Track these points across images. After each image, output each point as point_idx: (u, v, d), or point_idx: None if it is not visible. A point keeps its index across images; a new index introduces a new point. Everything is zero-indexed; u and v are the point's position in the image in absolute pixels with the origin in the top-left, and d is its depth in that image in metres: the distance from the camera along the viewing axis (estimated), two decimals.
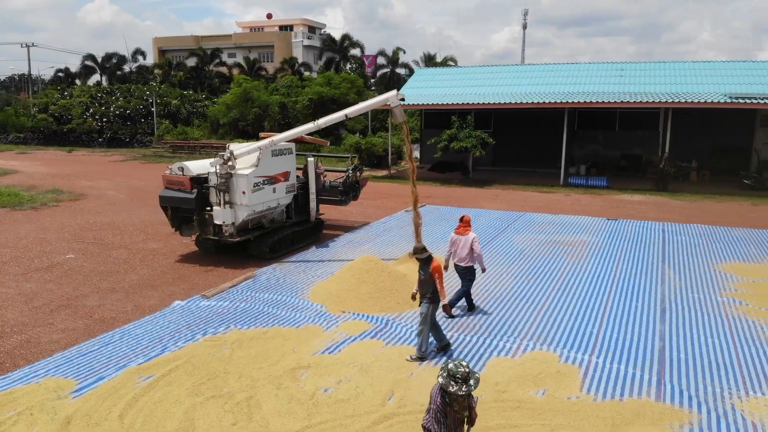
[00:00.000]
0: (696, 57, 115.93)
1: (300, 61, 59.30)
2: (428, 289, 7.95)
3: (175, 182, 12.29)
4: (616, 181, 25.13)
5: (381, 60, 54.04)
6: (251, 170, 12.03)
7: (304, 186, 14.01)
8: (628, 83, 28.34)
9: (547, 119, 27.96)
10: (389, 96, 11.97)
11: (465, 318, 9.48)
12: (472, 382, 4.55)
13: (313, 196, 14.03)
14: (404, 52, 54.65)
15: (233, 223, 12.05)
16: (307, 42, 65.90)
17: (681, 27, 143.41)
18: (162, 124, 45.85)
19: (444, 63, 52.54)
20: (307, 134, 13.15)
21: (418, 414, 6.43)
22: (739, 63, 28.70)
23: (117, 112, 46.25)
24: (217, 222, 12.02)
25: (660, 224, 16.79)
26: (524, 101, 25.17)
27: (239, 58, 62.20)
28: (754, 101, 22.04)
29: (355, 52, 56.48)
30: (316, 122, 12.32)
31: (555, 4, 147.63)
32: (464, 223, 9.66)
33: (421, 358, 7.84)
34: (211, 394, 6.90)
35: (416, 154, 37.00)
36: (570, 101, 24.22)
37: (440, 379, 4.59)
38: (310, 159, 14.08)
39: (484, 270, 9.87)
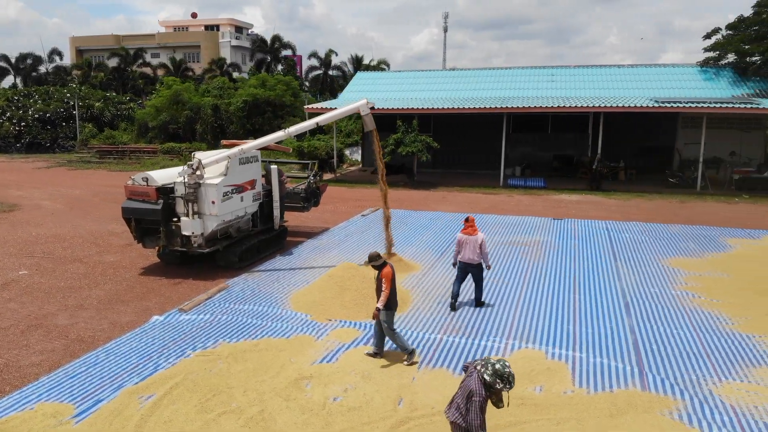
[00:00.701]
0: (604, 60, 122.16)
1: (229, 61, 58.04)
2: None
3: (139, 193, 11.91)
4: (551, 182, 26.36)
5: (314, 62, 53.92)
6: (220, 179, 11.86)
7: (268, 194, 13.91)
8: (559, 87, 29.79)
9: (484, 123, 28.90)
10: (360, 104, 12.15)
11: (447, 320, 9.79)
12: (513, 382, 4.89)
13: (277, 204, 13.96)
14: (336, 54, 54.77)
15: (202, 234, 11.83)
16: (235, 42, 64.57)
17: (589, 30, 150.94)
18: (85, 127, 43.66)
19: (377, 66, 53.04)
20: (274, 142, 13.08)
21: (432, 417, 6.70)
22: (662, 68, 30.75)
23: (36, 116, 43.60)
24: (185, 233, 11.75)
25: (603, 222, 17.84)
26: (465, 106, 25.96)
27: (164, 59, 60.04)
28: (678, 105, 23.77)
29: (287, 53, 55.94)
30: (286, 130, 12.31)
31: (470, 8, 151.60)
32: (470, 224, 10.12)
33: (411, 354, 8.07)
34: (221, 410, 6.85)
35: (357, 157, 37.30)
36: (509, 106, 25.18)
37: (486, 377, 4.95)
38: (273, 167, 14.00)
39: (489, 268, 10.28)
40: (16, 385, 7.53)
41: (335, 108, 14.43)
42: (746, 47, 27.15)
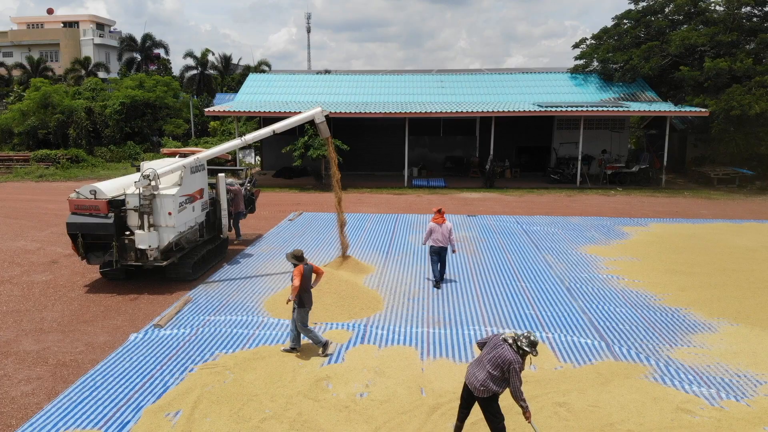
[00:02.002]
0: (455, 63, 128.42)
1: (94, 61, 53.93)
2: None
3: (87, 207, 11.25)
4: (449, 182, 28.03)
5: (189, 61, 51.70)
6: (176, 190, 11.56)
7: (213, 202, 13.69)
8: (448, 93, 31.63)
9: (384, 126, 29.95)
10: (314, 113, 12.44)
11: (424, 314, 10.47)
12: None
13: (224, 213, 13.78)
14: (213, 53, 53.10)
15: (158, 247, 11.46)
16: (99, 40, 59.97)
17: (441, 35, 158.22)
18: None
19: (257, 67, 52.24)
20: (224, 150, 12.92)
21: (454, 403, 7.30)
22: (540, 75, 33.74)
23: None
24: (141, 246, 11.31)
25: (513, 217, 19.53)
26: (364, 110, 26.64)
27: (18, 58, 54.28)
28: (559, 109, 26.41)
29: (159, 51, 53.18)
30: (243, 138, 12.25)
31: (328, 8, 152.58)
32: (440, 214, 12.03)
33: (326, 346, 8.65)
34: (259, 418, 6.99)
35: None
36: (411, 111, 26.37)
37: (525, 348, 5.97)
38: (221, 175, 13.79)
39: (454, 251, 12.27)
40: (20, 417, 7.06)
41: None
42: (609, 55, 30.68)
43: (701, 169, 28.63)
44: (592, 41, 33.06)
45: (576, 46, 33.24)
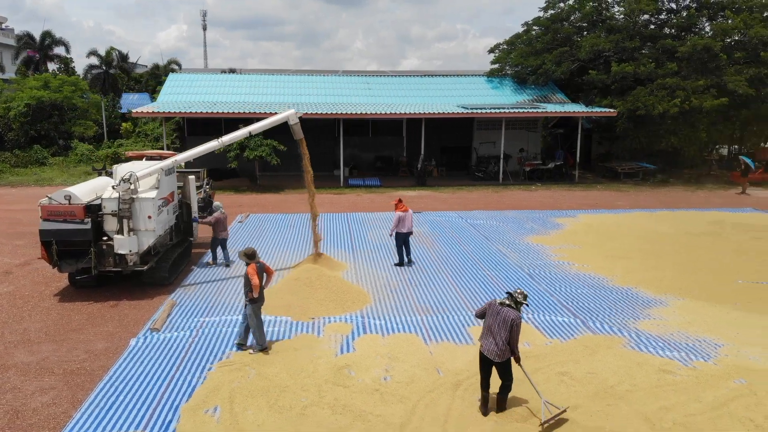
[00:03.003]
0: (351, 64, 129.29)
1: None
2: (248, 289, 9.01)
3: (62, 213, 10.87)
4: (382, 181, 28.81)
5: (94, 60, 48.83)
6: (155, 193, 11.44)
7: (182, 205, 13.55)
8: (375, 95, 32.47)
9: (315, 127, 30.14)
10: (289, 114, 12.71)
11: (412, 303, 11.10)
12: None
13: (196, 215, 13.68)
14: (119, 53, 50.49)
15: (137, 251, 11.29)
16: None
17: (337, 35, 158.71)
18: None
19: (167, 67, 50.41)
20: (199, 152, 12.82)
21: (472, 378, 8.03)
22: (460, 78, 35.37)
23: None
24: (121, 251, 11.08)
25: (455, 213, 20.60)
26: (303, 111, 26.90)
27: None
28: (483, 111, 27.98)
29: (60, 50, 49.74)
30: (220, 140, 12.28)
31: (221, 5, 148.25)
32: (402, 204, 13.75)
33: (264, 350, 8.90)
34: (300, 406, 7.34)
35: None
36: (345, 112, 26.90)
37: (522, 300, 7.19)
38: (191, 177, 13.66)
39: (411, 234, 13.84)
40: (51, 427, 6.95)
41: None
42: (523, 60, 32.78)
43: (608, 165, 31.33)
44: (505, 46, 35.16)
45: (491, 51, 35.26)
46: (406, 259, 13.81)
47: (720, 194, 25.67)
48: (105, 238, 11.22)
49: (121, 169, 11.71)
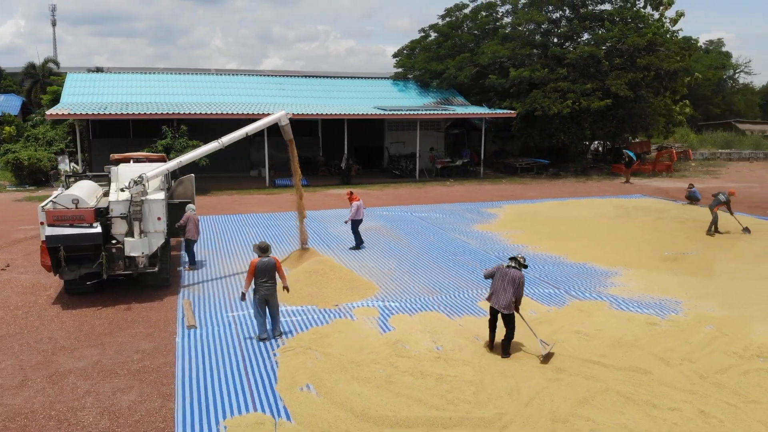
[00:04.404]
0: (210, 62, 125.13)
1: None
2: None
3: (70, 217, 10.62)
4: (308, 180, 29.35)
5: None
6: (162, 194, 11.52)
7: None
8: (288, 95, 32.87)
9: (232, 127, 29.91)
10: (280, 116, 13.28)
11: (412, 286, 12.22)
12: None
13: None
14: None
15: (149, 253, 11.32)
16: None
17: (195, 32, 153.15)
18: None
19: (44, 66, 46.53)
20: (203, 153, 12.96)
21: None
22: (369, 80, 36.75)
23: None
24: (133, 254, 11.05)
25: (397, 208, 21.88)
26: (207, 111, 26.53)
27: None
28: (400, 112, 29.60)
29: None
30: (220, 140, 12.51)
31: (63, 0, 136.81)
32: (355, 195, 15.66)
33: (262, 340, 9.46)
34: (383, 376, 8.21)
35: (64, 166, 33.32)
36: (261, 112, 27.12)
37: (525, 263, 9.23)
38: (191, 175, 13.65)
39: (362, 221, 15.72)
40: (161, 421, 7.26)
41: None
42: (427, 64, 34.91)
43: (507, 161, 34.38)
44: (405, 51, 37.19)
45: (395, 55, 37.08)
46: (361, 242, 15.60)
47: (608, 184, 29.45)
48: (114, 241, 11.13)
49: (123, 172, 11.61)
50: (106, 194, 12.45)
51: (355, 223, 15.55)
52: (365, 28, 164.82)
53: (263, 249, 9.50)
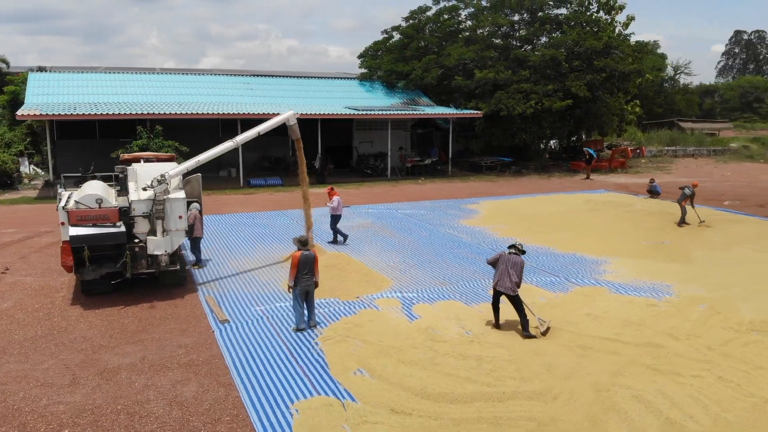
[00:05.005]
0: (146, 61, 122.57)
1: None
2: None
3: (93, 217, 10.69)
4: (283, 180, 29.48)
5: None
6: (183, 193, 11.69)
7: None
8: (256, 95, 32.91)
9: (195, 127, 29.60)
10: (289, 116, 13.63)
11: (423, 278, 12.83)
12: None
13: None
14: None
15: (171, 252, 11.49)
16: None
17: (129, 30, 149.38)
18: None
19: None
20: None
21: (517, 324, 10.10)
22: (336, 80, 37.12)
23: None
24: (156, 252, 11.20)
25: (381, 205, 22.42)
26: (174, 111, 26.28)
27: None
28: (372, 113, 30.18)
29: None
30: (235, 140, 12.76)
31: None
32: (334, 191, 16.24)
33: (299, 330, 9.89)
34: (426, 358, 8.78)
35: (24, 169, 32.25)
36: (243, 112, 27.20)
37: (523, 249, 10.24)
38: (197, 175, 13.75)
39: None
40: (231, 407, 7.61)
41: None
42: (393, 65, 35.61)
43: (472, 159, 35.48)
44: (370, 52, 37.82)
45: (360, 56, 37.62)
46: (341, 237, 16.06)
47: (570, 180, 30.94)
48: (136, 240, 11.24)
49: (142, 171, 11.71)
50: (118, 194, 12.51)
51: (335, 219, 16.10)
52: (305, 27, 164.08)
53: (303, 242, 9.89)
